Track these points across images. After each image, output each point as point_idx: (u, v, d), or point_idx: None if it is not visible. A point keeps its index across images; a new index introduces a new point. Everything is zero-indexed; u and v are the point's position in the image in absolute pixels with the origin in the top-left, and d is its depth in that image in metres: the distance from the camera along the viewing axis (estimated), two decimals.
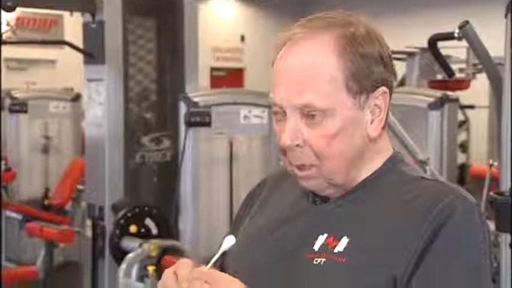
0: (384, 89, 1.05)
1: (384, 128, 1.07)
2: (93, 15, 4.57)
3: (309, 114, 1.01)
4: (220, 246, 1.01)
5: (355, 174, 1.05)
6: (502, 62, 2.38)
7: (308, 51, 1.02)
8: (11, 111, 5.93)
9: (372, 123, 1.05)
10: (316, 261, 1.00)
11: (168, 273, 0.96)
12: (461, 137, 6.19)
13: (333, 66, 1.01)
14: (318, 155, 1.02)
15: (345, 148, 1.02)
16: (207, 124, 3.78)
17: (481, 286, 0.98)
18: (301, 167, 1.04)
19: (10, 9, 4.39)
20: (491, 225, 2.11)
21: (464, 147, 6.57)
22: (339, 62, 1.01)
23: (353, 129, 1.03)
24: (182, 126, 3.81)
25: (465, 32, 2.43)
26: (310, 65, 1.02)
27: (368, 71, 1.03)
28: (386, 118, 1.07)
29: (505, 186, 2.14)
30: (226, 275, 0.95)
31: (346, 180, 1.05)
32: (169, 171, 4.61)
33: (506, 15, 2.23)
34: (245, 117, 3.89)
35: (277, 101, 1.04)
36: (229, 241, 1.00)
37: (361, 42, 1.03)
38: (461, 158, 5.76)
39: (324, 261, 0.99)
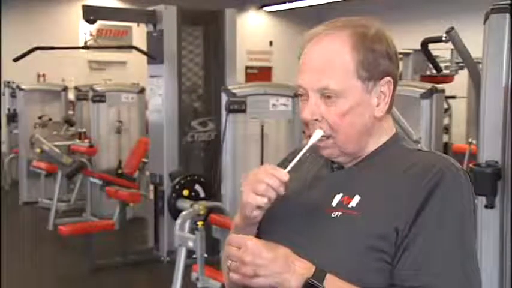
0: (388, 78, 1.02)
1: (388, 111, 1.05)
2: (154, 26, 4.57)
3: (325, 95, 1.00)
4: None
5: (364, 145, 1.03)
6: (480, 61, 2.29)
7: (328, 45, 1.01)
8: (93, 101, 5.97)
9: (377, 105, 1.02)
10: (334, 214, 0.99)
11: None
12: (445, 121, 6.07)
13: (347, 57, 1.00)
14: (332, 127, 1.01)
15: (354, 123, 1.01)
16: (243, 110, 3.75)
17: (464, 229, 0.96)
18: (319, 139, 1.03)
19: (92, 22, 4.43)
20: None
21: (447, 129, 6.46)
22: (352, 54, 1.00)
23: (361, 109, 1.01)
24: (223, 112, 3.79)
25: (451, 36, 2.36)
26: (328, 56, 1.00)
27: (375, 63, 1.00)
28: (391, 103, 1.04)
29: (481, 160, 2.07)
30: (243, 236, 0.96)
31: (356, 149, 1.03)
32: (213, 147, 4.61)
33: (484, 22, 2.13)
34: (273, 105, 3.85)
35: (302, 84, 1.03)
36: (317, 135, 1.01)
37: (371, 40, 1.00)
38: (444, 138, 5.64)
39: (340, 215, 0.98)
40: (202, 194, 3.93)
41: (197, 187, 3.95)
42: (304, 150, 1.03)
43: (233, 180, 3.68)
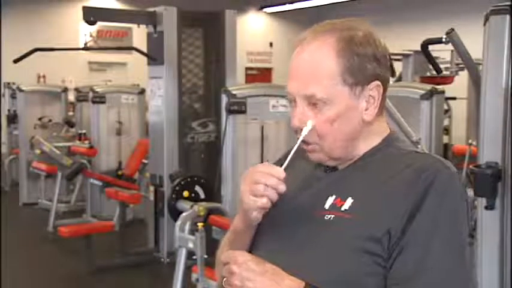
0: (377, 82, 1.01)
1: (379, 114, 1.03)
2: (155, 27, 4.57)
3: (312, 102, 0.99)
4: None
5: (352, 150, 1.02)
6: (480, 62, 2.29)
7: (313, 51, 1.00)
8: (93, 102, 5.97)
9: (366, 109, 1.01)
10: (327, 217, 0.98)
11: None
12: (445, 122, 6.07)
13: (332, 63, 0.98)
14: (319, 135, 1.00)
15: (342, 129, 1.00)
16: (243, 112, 3.75)
17: (461, 233, 0.95)
18: (307, 143, 1.02)
19: (92, 23, 4.43)
20: (471, 193, 2.05)
21: (447, 130, 6.46)
22: (337, 59, 0.98)
23: (349, 114, 1.00)
24: (223, 113, 3.79)
25: (451, 37, 2.36)
26: (314, 62, 0.99)
27: (362, 67, 0.99)
28: (381, 106, 1.03)
29: (481, 161, 2.08)
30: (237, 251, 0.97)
31: (343, 154, 1.02)
32: (214, 149, 4.61)
33: (484, 24, 2.14)
34: (273, 106, 3.85)
35: (290, 91, 1.02)
36: (308, 126, 0.99)
37: (358, 44, 0.99)
38: (444, 139, 5.64)
39: (333, 217, 0.98)
40: (202, 195, 3.93)
41: (197, 188, 3.94)
42: (297, 145, 1.02)
43: (233, 182, 3.68)
